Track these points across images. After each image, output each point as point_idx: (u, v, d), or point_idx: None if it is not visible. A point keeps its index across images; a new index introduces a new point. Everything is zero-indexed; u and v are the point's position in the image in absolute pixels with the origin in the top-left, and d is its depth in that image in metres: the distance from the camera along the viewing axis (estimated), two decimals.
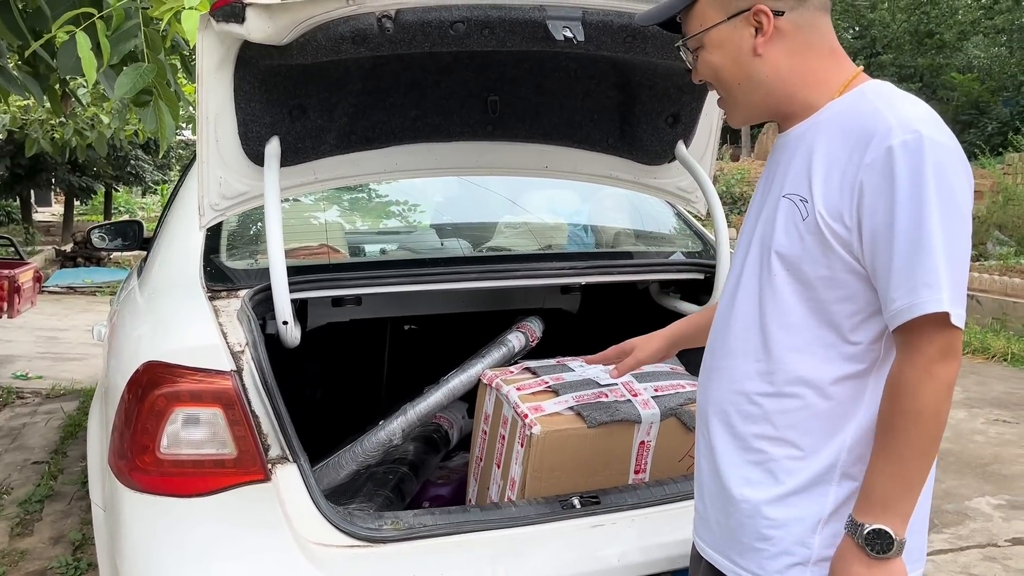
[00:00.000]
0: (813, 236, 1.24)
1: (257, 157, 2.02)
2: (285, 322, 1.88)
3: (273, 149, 2.01)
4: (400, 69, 2.08)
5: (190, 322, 1.90)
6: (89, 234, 3.75)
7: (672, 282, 2.76)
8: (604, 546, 1.83)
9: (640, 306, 2.88)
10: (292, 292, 1.91)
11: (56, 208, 26.10)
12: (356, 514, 1.80)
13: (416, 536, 1.74)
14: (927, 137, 1.16)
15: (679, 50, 1.40)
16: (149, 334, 1.96)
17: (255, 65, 1.84)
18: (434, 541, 1.75)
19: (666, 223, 3.15)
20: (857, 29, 22.46)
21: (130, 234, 3.68)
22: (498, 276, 2.38)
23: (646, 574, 1.83)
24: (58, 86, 3.44)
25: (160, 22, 2.23)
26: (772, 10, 1.27)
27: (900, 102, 1.23)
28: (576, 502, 1.88)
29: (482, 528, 1.79)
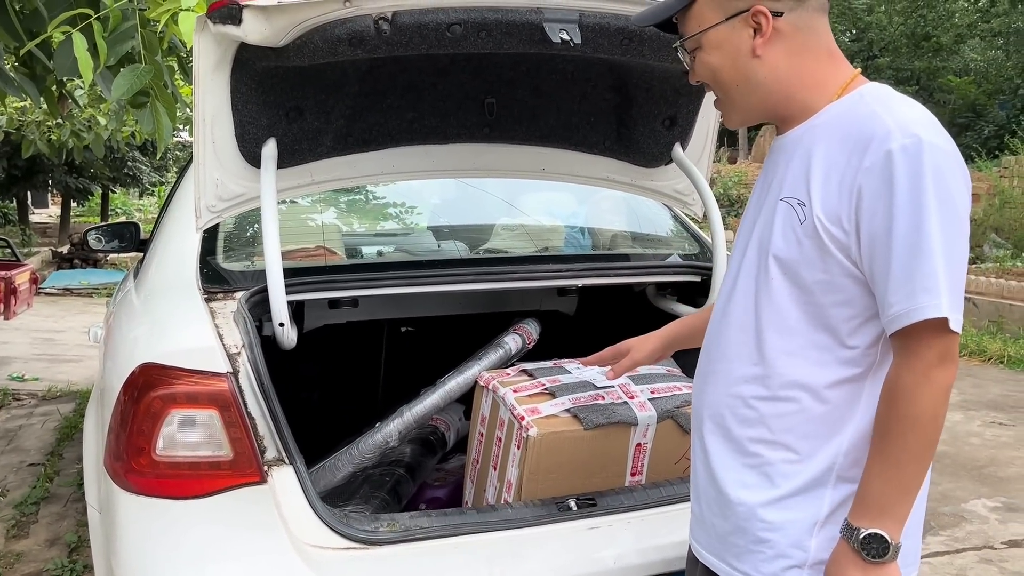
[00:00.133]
0: (811, 240, 1.23)
1: (254, 159, 2.02)
2: (281, 324, 1.88)
3: (270, 151, 2.01)
4: (397, 71, 2.08)
5: (186, 324, 1.90)
6: (86, 235, 3.74)
7: (669, 284, 2.76)
8: (600, 548, 1.84)
9: (637, 308, 2.88)
10: (289, 294, 1.91)
11: (53, 209, 26.07)
12: (352, 516, 1.79)
13: (412, 538, 1.74)
14: (926, 141, 1.16)
15: (677, 51, 1.39)
16: (145, 336, 1.96)
17: (252, 67, 1.84)
18: (430, 543, 1.75)
19: (663, 225, 3.15)
20: (854, 32, 22.47)
21: (127, 236, 3.67)
22: (495, 278, 2.38)
23: None
24: (55, 87, 3.43)
25: (157, 23, 2.23)
26: (771, 11, 1.26)
27: (898, 105, 1.22)
28: (572, 504, 1.88)
29: (478, 530, 1.79)
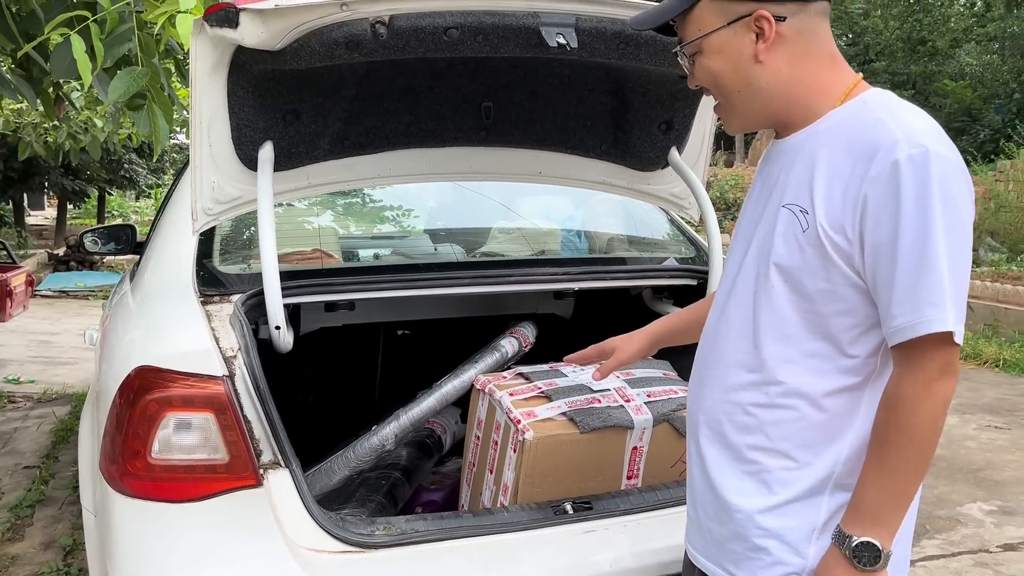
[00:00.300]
0: (813, 248, 1.22)
1: (251, 162, 2.02)
2: (278, 327, 1.87)
3: (267, 154, 2.01)
4: (394, 74, 2.09)
5: (183, 327, 1.90)
6: (82, 238, 3.74)
7: (665, 288, 2.76)
8: (597, 552, 1.83)
9: (633, 312, 2.88)
10: (285, 297, 1.91)
11: (49, 212, 26.03)
12: (348, 520, 1.79)
13: (408, 542, 1.74)
14: (933, 152, 1.15)
15: (676, 55, 1.36)
16: (141, 339, 1.96)
17: (249, 70, 1.84)
18: (426, 547, 1.75)
19: (659, 229, 3.15)
20: (850, 36, 22.53)
21: (123, 238, 3.67)
22: (491, 281, 2.38)
23: None
24: (51, 89, 3.43)
25: (154, 26, 2.23)
26: (774, 15, 1.24)
27: (904, 113, 1.21)
28: (569, 507, 1.88)
29: (475, 534, 1.79)
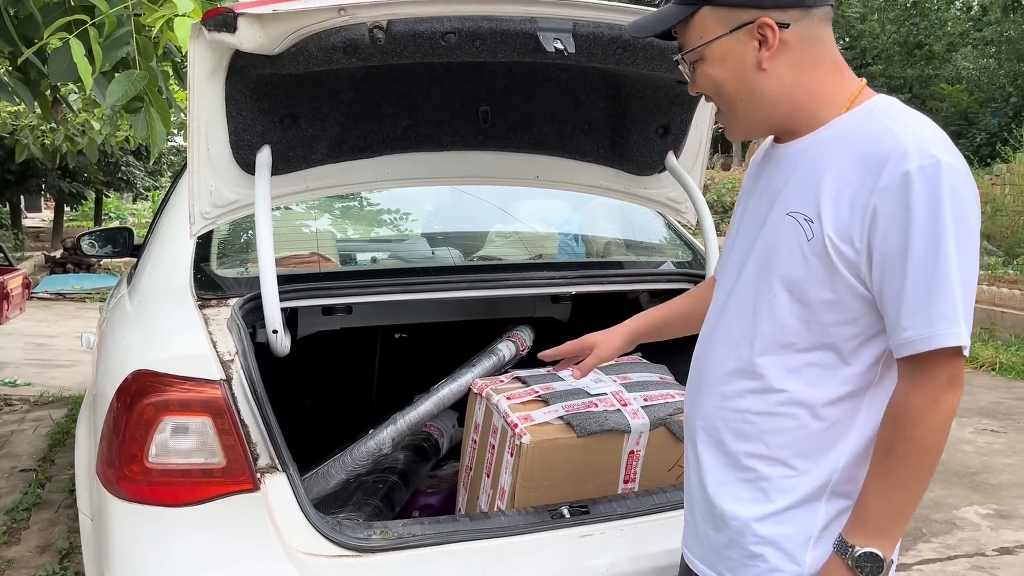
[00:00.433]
0: (818, 258, 1.21)
1: (248, 166, 2.02)
2: (275, 331, 1.87)
3: (264, 158, 2.01)
4: (392, 79, 2.09)
5: (180, 331, 1.90)
6: (79, 240, 3.74)
7: (662, 292, 2.76)
8: (593, 556, 1.83)
9: (630, 316, 2.88)
10: (282, 301, 1.91)
11: (46, 214, 25.98)
12: (345, 523, 1.79)
13: (405, 546, 1.74)
14: (944, 163, 1.14)
15: (677, 62, 1.34)
16: (138, 342, 1.96)
17: (247, 74, 1.84)
18: (423, 551, 1.75)
19: (656, 233, 3.16)
20: (847, 40, 22.57)
21: (120, 241, 3.67)
22: (489, 285, 2.38)
23: None
24: (49, 92, 3.43)
25: (152, 29, 2.24)
26: (777, 23, 1.21)
27: (911, 122, 1.20)
28: (565, 512, 1.88)
29: (471, 538, 1.79)
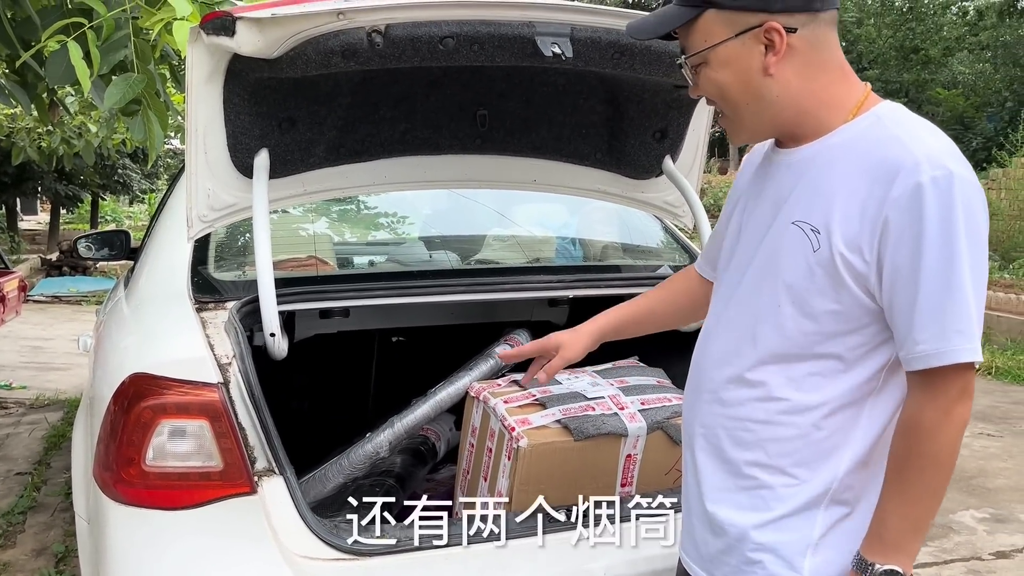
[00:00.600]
0: (824, 270, 1.19)
1: (246, 169, 2.02)
2: (272, 334, 1.87)
3: (262, 161, 2.01)
4: (390, 83, 2.09)
5: (177, 334, 1.90)
6: (76, 243, 3.74)
7: None
8: (590, 560, 1.83)
9: None
10: (280, 304, 1.91)
11: (42, 216, 25.96)
12: (342, 527, 1.79)
13: (402, 549, 1.74)
14: (957, 174, 1.13)
15: (680, 66, 1.31)
16: (136, 345, 1.96)
17: (245, 78, 1.85)
18: (420, 554, 1.75)
19: (654, 237, 3.16)
20: (844, 44, 22.62)
21: (117, 244, 3.66)
22: (486, 289, 2.38)
23: None
24: (46, 95, 3.43)
25: (150, 32, 2.24)
26: (785, 27, 1.18)
27: (920, 131, 1.18)
28: (562, 515, 1.88)
29: (469, 541, 1.79)
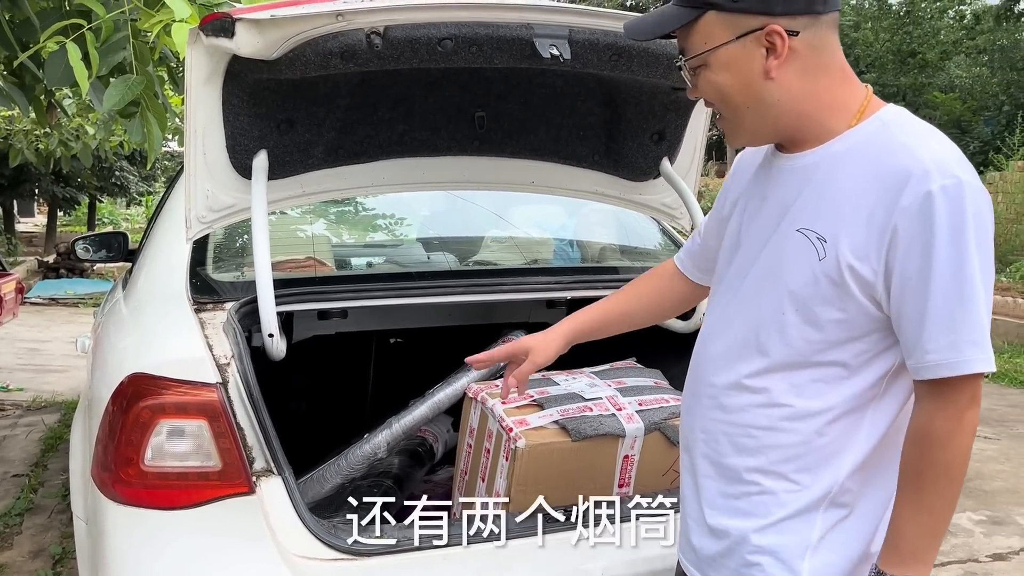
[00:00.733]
0: (828, 278, 1.18)
1: (245, 170, 2.02)
2: (271, 335, 1.88)
3: (261, 162, 2.02)
4: (388, 84, 2.10)
5: (176, 334, 1.90)
6: (74, 245, 3.74)
7: None
8: (588, 560, 1.83)
9: None
10: (278, 305, 1.91)
11: (39, 219, 25.96)
12: (341, 527, 1.79)
13: (400, 549, 1.74)
14: (966, 183, 1.11)
15: (679, 68, 1.28)
16: (134, 346, 1.96)
17: (244, 79, 1.85)
18: (418, 554, 1.75)
19: (651, 238, 3.17)
20: (841, 48, 22.68)
21: (115, 246, 3.67)
22: (484, 290, 2.39)
23: None
24: (43, 96, 3.43)
25: (149, 34, 2.24)
26: (787, 30, 1.17)
27: (929, 138, 1.17)
28: (560, 516, 1.88)
29: (469, 541, 1.79)
